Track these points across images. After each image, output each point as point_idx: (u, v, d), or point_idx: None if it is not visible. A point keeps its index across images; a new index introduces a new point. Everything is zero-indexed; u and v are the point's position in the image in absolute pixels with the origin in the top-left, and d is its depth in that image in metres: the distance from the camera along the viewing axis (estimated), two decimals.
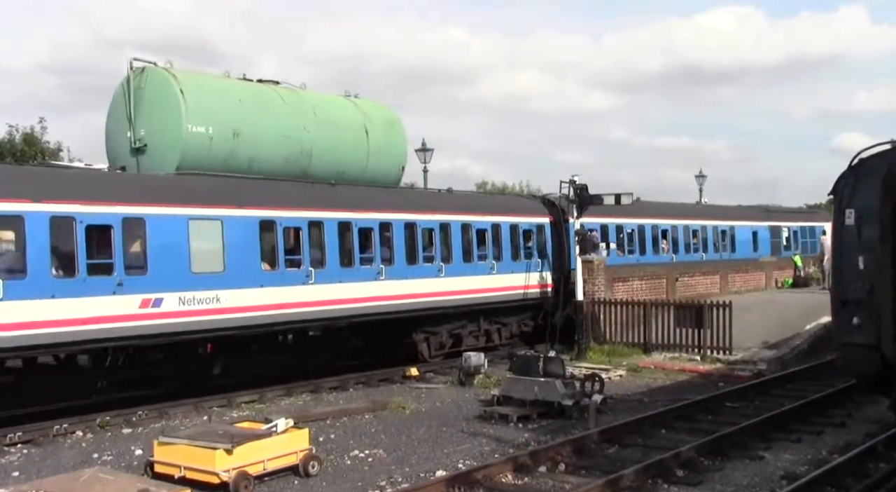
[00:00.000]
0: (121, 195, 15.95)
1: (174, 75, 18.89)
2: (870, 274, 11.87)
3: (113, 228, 15.43)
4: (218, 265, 17.07)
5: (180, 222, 16.45)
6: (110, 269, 15.42)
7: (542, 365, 16.18)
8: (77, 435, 14.97)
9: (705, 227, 34.32)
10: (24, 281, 14.24)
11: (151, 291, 15.92)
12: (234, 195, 17.84)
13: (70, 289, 14.81)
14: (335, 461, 12.74)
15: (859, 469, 11.42)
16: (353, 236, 19.85)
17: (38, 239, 14.48)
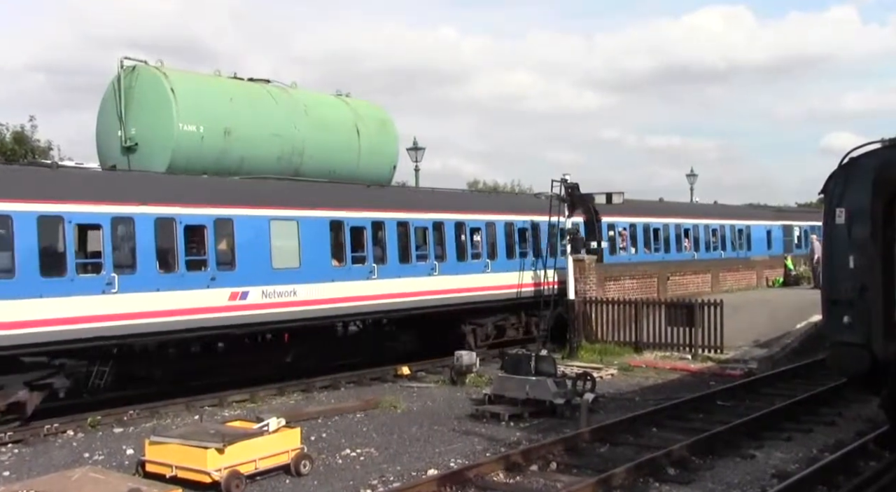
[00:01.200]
0: (213, 198, 17.52)
1: (165, 74, 18.86)
2: (860, 273, 11.89)
3: (206, 227, 16.98)
4: (294, 262, 18.58)
5: (263, 223, 17.98)
6: (205, 265, 16.98)
7: (534, 364, 16.19)
8: (68, 434, 14.93)
9: (723, 226, 35.97)
10: (134, 276, 15.76)
11: (239, 285, 17.46)
12: (308, 198, 19.43)
13: (172, 283, 16.35)
14: (327, 460, 12.73)
15: (850, 467, 11.47)
16: (409, 235, 21.44)
17: (145, 238, 16.01)
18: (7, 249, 14.42)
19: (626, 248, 29.97)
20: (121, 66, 19.16)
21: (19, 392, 14.84)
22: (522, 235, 24.90)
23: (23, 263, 14.35)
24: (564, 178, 24.35)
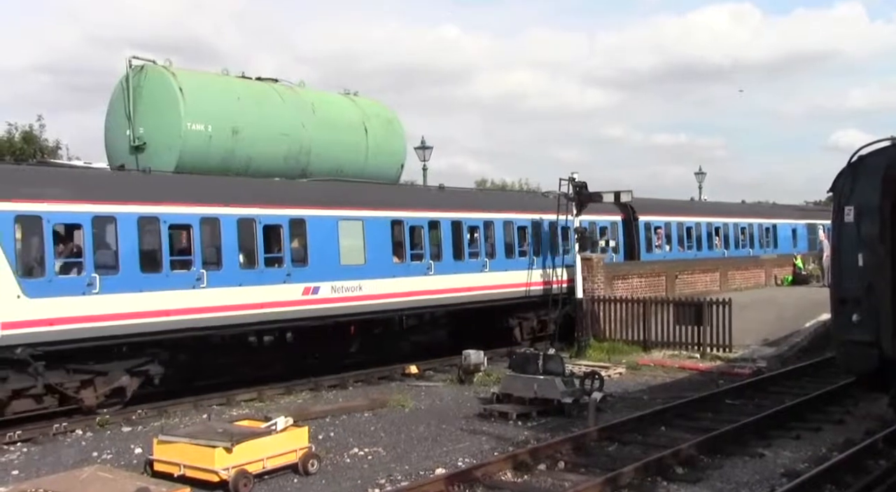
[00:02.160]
0: (288, 200, 18.80)
1: (173, 73, 18.89)
2: (869, 271, 11.86)
3: (282, 227, 18.24)
4: (360, 259, 19.83)
5: (332, 222, 19.23)
6: (281, 262, 18.25)
7: (542, 363, 16.18)
8: (77, 433, 14.98)
9: (752, 224, 37.13)
10: (220, 272, 17.05)
11: (311, 280, 18.67)
12: (372, 199, 20.70)
13: (253, 278, 17.61)
14: (334, 459, 12.74)
15: (859, 466, 11.42)
16: (463, 233, 22.66)
17: (230, 237, 17.30)
18: (112, 248, 15.80)
19: (661, 246, 31.21)
20: (129, 66, 19.19)
21: (122, 378, 16.21)
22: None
23: (125, 260, 15.69)
24: (572, 176, 24.32)
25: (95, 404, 16.00)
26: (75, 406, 15.83)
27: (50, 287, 14.72)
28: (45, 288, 14.65)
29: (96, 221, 15.49)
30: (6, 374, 14.62)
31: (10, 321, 14.21)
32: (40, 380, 15.01)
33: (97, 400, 16.03)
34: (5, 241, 14.23)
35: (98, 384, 16.01)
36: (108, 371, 16.07)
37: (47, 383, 15.16)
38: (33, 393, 15.11)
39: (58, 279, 14.88)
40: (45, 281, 14.71)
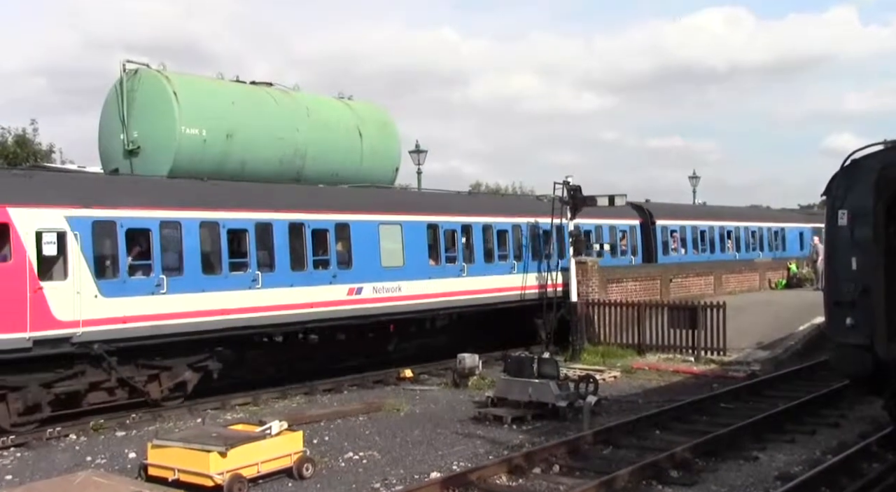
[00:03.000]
0: (333, 205, 19.87)
1: (167, 77, 18.87)
2: (863, 274, 11.88)
3: (329, 231, 19.33)
4: (399, 261, 20.92)
5: (373, 227, 20.37)
6: (327, 264, 19.32)
7: (537, 366, 16.18)
8: (70, 438, 14.94)
9: (761, 228, 38.29)
10: (273, 274, 18.10)
11: (355, 281, 19.78)
12: (409, 204, 22.32)
13: (302, 280, 18.67)
14: (329, 463, 12.72)
15: (854, 469, 11.46)
16: (493, 237, 23.85)
17: (281, 240, 18.39)
18: (177, 251, 16.81)
19: (677, 249, 32.43)
20: (123, 70, 19.17)
21: (185, 373, 17.25)
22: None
23: (189, 263, 16.83)
24: (567, 180, 24.35)
25: (160, 398, 16.99)
26: (142, 399, 16.79)
27: (123, 288, 15.82)
28: (118, 288, 15.74)
29: (163, 225, 16.55)
30: (84, 368, 15.65)
31: (89, 319, 15.24)
32: (113, 374, 16.08)
33: (161, 394, 17.03)
34: (84, 245, 15.29)
35: (163, 379, 17.04)
36: (172, 366, 17.06)
37: (119, 376, 16.20)
38: (106, 386, 16.16)
39: (130, 280, 16.00)
40: (119, 282, 15.81)
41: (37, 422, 15.20)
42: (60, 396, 15.54)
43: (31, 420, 15.15)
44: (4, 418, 14.85)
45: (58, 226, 14.99)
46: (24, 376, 14.89)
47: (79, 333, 15.14)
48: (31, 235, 14.61)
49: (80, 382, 15.69)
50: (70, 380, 15.58)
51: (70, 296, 15.01)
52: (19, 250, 14.52)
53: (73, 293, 15.07)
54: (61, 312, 14.88)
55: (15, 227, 14.52)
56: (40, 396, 15.15)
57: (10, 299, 14.27)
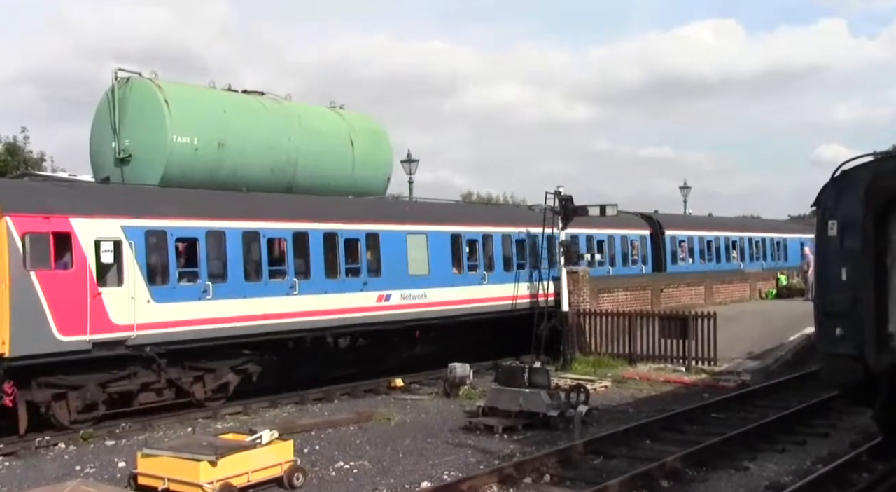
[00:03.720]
0: (364, 216, 20.99)
1: (159, 86, 18.86)
2: (853, 285, 11.92)
3: (360, 240, 20.37)
4: (425, 269, 21.91)
5: (401, 237, 21.38)
6: (358, 272, 20.33)
7: (528, 376, 16.18)
8: (60, 447, 14.87)
9: (764, 239, 39.60)
10: (309, 281, 19.04)
11: (384, 289, 20.74)
12: (435, 215, 23.32)
13: (336, 287, 19.64)
14: (320, 473, 12.68)
15: (844, 479, 11.47)
16: (511, 246, 24.77)
17: (316, 249, 19.26)
18: (221, 259, 17.71)
19: (685, 258, 33.71)
20: (115, 78, 19.15)
21: (228, 375, 18.12)
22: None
23: (232, 270, 17.76)
24: (558, 190, 24.39)
25: (204, 398, 17.84)
26: (188, 399, 17.63)
27: (173, 293, 16.72)
28: (169, 294, 16.64)
29: (209, 235, 17.45)
30: (136, 369, 16.55)
31: (143, 323, 16.20)
32: (163, 375, 16.96)
33: (205, 394, 17.90)
34: (138, 253, 16.24)
35: (207, 380, 17.89)
36: (216, 368, 17.95)
37: (168, 378, 17.09)
38: (156, 387, 17.02)
39: (179, 286, 16.89)
40: (170, 288, 16.72)
41: (93, 419, 16.05)
42: (114, 395, 16.42)
43: (89, 418, 15.99)
44: (64, 415, 15.69)
45: (114, 235, 15.93)
46: (83, 376, 15.78)
47: (133, 337, 16.07)
48: (90, 244, 15.54)
49: (132, 382, 16.58)
50: (124, 380, 16.47)
51: (125, 301, 15.96)
52: (80, 258, 15.40)
53: (128, 299, 16.01)
54: (117, 317, 15.83)
55: (76, 236, 15.39)
56: (97, 395, 16.06)
57: (72, 304, 15.18)
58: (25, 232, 14.83)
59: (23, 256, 14.76)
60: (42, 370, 15.27)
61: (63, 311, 15.07)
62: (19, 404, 15.12)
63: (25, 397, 15.23)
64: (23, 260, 14.75)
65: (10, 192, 16.06)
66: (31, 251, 14.87)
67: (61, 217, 15.36)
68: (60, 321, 15.05)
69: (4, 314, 14.55)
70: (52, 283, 15.00)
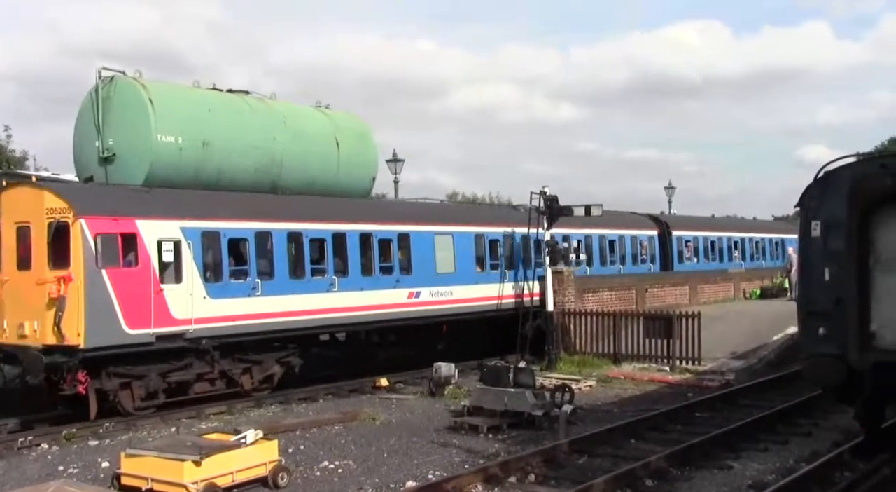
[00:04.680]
0: (396, 217, 22.43)
1: (143, 85, 18.77)
2: (836, 285, 12.01)
3: (392, 241, 21.66)
4: (451, 267, 23.19)
5: (430, 237, 22.65)
6: (391, 270, 21.57)
7: (513, 376, 16.21)
8: (42, 447, 14.79)
9: (764, 239, 41.26)
10: (346, 279, 20.22)
11: (414, 286, 21.98)
12: (459, 216, 24.95)
13: (371, 284, 20.84)
14: (304, 473, 12.67)
15: (826, 478, 11.54)
16: (529, 245, 25.52)
17: (353, 249, 20.56)
18: (268, 258, 18.90)
19: (691, 258, 35.04)
20: (99, 77, 19.04)
21: (274, 367, 19.31)
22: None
23: (278, 268, 18.96)
24: (543, 190, 24.44)
25: (251, 389, 18.97)
26: (237, 389, 18.70)
27: (226, 290, 17.90)
28: (222, 290, 17.81)
29: (258, 235, 18.65)
30: (192, 361, 17.65)
31: (200, 318, 17.31)
32: (216, 366, 18.09)
33: (252, 385, 19.02)
34: (195, 252, 17.37)
35: (254, 372, 19.00)
36: (262, 361, 19.09)
37: (221, 369, 18.19)
38: (209, 378, 18.15)
39: (231, 283, 18.05)
40: (223, 285, 17.87)
41: (154, 407, 17.25)
42: (172, 384, 17.53)
43: (151, 405, 17.20)
44: (129, 402, 16.84)
45: (174, 236, 17.08)
46: (146, 367, 16.94)
47: (191, 330, 17.20)
48: (153, 244, 16.75)
49: (189, 373, 17.71)
50: (181, 371, 17.57)
51: (184, 297, 17.08)
52: (144, 257, 16.61)
53: (187, 295, 17.13)
54: (177, 311, 16.98)
55: (141, 236, 16.61)
56: (158, 384, 17.20)
57: (137, 300, 16.37)
58: (97, 233, 15.96)
59: (95, 255, 15.89)
60: (111, 361, 16.36)
61: (130, 306, 16.22)
62: (90, 392, 16.24)
63: (95, 385, 16.37)
64: (95, 259, 15.88)
65: (83, 196, 16.89)
66: (102, 251, 15.99)
67: (128, 219, 16.50)
68: (128, 315, 16.20)
69: (80, 309, 15.66)
70: (120, 280, 16.17)
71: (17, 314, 16.38)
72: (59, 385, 16.23)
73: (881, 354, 11.79)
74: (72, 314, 15.64)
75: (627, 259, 31.04)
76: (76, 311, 15.65)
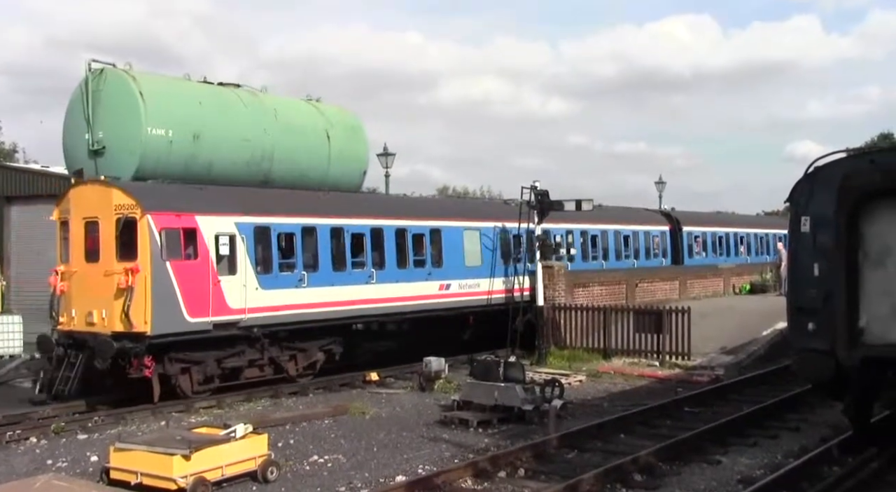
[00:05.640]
0: (428, 213, 23.80)
1: (133, 77, 18.71)
2: (825, 280, 12.04)
3: (425, 235, 22.94)
4: (478, 261, 24.29)
5: (459, 232, 23.83)
6: (424, 263, 22.82)
7: (503, 370, 16.21)
8: (31, 441, 14.76)
9: (767, 234, 42.53)
10: (383, 271, 21.41)
11: (445, 279, 23.19)
12: (486, 212, 26.16)
13: (405, 276, 22.02)
14: (294, 467, 12.66)
15: (814, 473, 11.58)
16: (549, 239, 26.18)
17: (389, 243, 21.77)
18: (313, 251, 20.01)
19: (700, 252, 36.46)
20: (88, 69, 18.97)
21: (317, 354, 20.53)
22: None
23: (322, 261, 20.14)
24: (534, 184, 24.43)
25: (296, 375, 20.07)
26: (283, 375, 19.81)
27: (276, 281, 18.97)
28: (272, 282, 18.89)
29: (304, 230, 19.78)
30: (243, 348, 18.76)
31: (252, 307, 18.38)
32: (266, 353, 19.21)
33: (297, 371, 20.15)
34: (248, 245, 18.46)
35: (299, 359, 20.19)
36: (307, 348, 20.28)
37: (270, 356, 19.33)
38: (259, 364, 19.27)
39: (280, 275, 19.15)
40: (273, 276, 18.97)
41: (210, 390, 18.33)
42: (226, 370, 18.61)
43: (207, 389, 18.29)
44: (188, 386, 17.93)
45: (230, 230, 18.09)
46: (203, 353, 18.06)
47: (244, 319, 18.29)
48: (211, 238, 17.74)
49: (241, 359, 18.84)
50: (234, 357, 18.70)
51: (238, 288, 18.14)
52: (203, 250, 17.66)
53: (241, 286, 18.19)
54: (233, 301, 18.06)
55: (200, 231, 17.65)
56: (214, 369, 18.33)
57: (198, 290, 17.43)
58: (162, 228, 17.02)
59: (160, 248, 16.95)
60: (172, 347, 17.41)
61: (191, 296, 17.30)
62: (154, 376, 17.26)
63: (158, 370, 17.37)
64: (160, 251, 16.95)
65: (150, 193, 17.69)
66: (167, 244, 17.04)
67: (189, 215, 17.54)
68: (189, 305, 17.28)
69: (147, 298, 16.74)
70: (182, 271, 17.25)
71: (85, 303, 17.38)
72: (126, 369, 17.05)
73: (869, 349, 11.84)
74: (139, 303, 16.68)
75: (641, 253, 32.43)
76: (143, 300, 16.70)
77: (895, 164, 12.18)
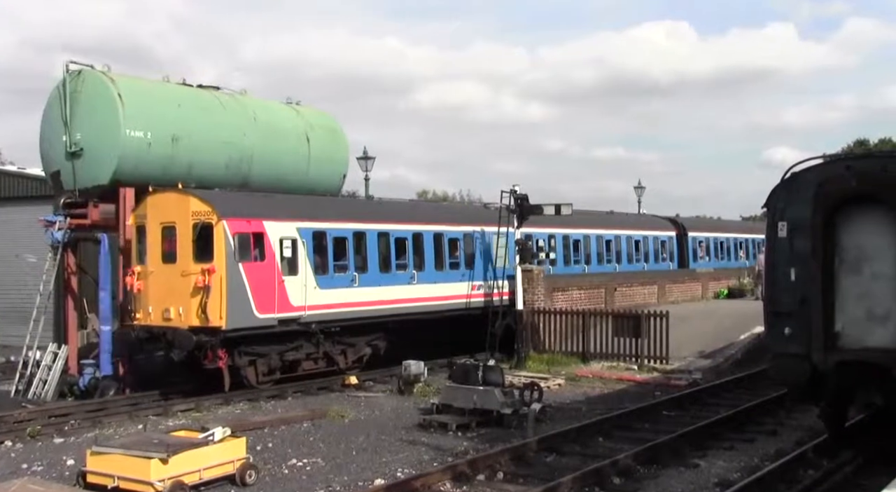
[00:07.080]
0: (461, 219, 25.83)
1: (112, 79, 18.64)
2: (801, 285, 12.15)
3: (459, 239, 24.86)
4: (503, 263, 25.25)
5: (491, 235, 25.18)
6: (458, 265, 24.61)
7: (482, 374, 16.22)
8: (6, 445, 14.64)
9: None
10: (423, 272, 23.24)
11: (476, 280, 24.84)
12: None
13: (442, 277, 23.90)
14: (273, 470, 12.62)
15: (790, 476, 11.67)
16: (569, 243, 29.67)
17: (429, 246, 23.56)
18: (362, 254, 21.71)
19: (704, 257, 38.63)
20: (66, 71, 18.89)
21: (365, 349, 22.13)
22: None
23: (371, 263, 21.80)
24: (514, 188, 24.48)
25: (346, 368, 21.49)
26: (334, 368, 21.24)
27: (331, 281, 20.59)
28: (328, 282, 20.51)
29: (355, 235, 21.43)
30: (301, 342, 20.37)
31: (311, 305, 19.93)
32: (321, 348, 20.75)
33: (347, 365, 21.61)
34: (308, 248, 19.96)
35: (348, 353, 21.71)
36: (355, 343, 21.81)
37: (325, 350, 20.85)
38: (314, 357, 20.85)
39: (335, 276, 20.77)
40: (328, 277, 20.60)
41: (273, 381, 19.85)
42: (287, 363, 20.19)
43: (270, 380, 19.82)
44: (253, 377, 19.43)
45: (292, 235, 19.67)
46: (267, 347, 19.65)
47: (304, 316, 19.87)
48: (276, 242, 19.30)
49: (300, 352, 20.46)
50: (294, 351, 20.28)
51: (300, 287, 19.69)
52: (270, 253, 19.24)
53: (302, 285, 19.75)
54: (295, 299, 19.62)
55: (267, 235, 19.23)
56: (276, 362, 19.93)
57: (265, 289, 19.00)
58: (236, 232, 18.49)
59: (234, 250, 18.41)
60: (242, 341, 18.94)
61: (259, 294, 18.85)
62: (224, 367, 18.72)
63: (228, 362, 18.83)
64: (234, 254, 18.40)
65: (223, 201, 19.15)
66: (239, 247, 18.53)
67: (258, 220, 19.10)
68: (258, 302, 18.85)
69: (222, 296, 18.25)
70: (252, 272, 18.80)
71: (162, 301, 18.80)
72: (202, 361, 18.56)
73: (845, 353, 11.95)
74: (215, 300, 18.19)
75: (650, 257, 34.42)
76: (219, 297, 18.20)
77: (870, 170, 12.31)
